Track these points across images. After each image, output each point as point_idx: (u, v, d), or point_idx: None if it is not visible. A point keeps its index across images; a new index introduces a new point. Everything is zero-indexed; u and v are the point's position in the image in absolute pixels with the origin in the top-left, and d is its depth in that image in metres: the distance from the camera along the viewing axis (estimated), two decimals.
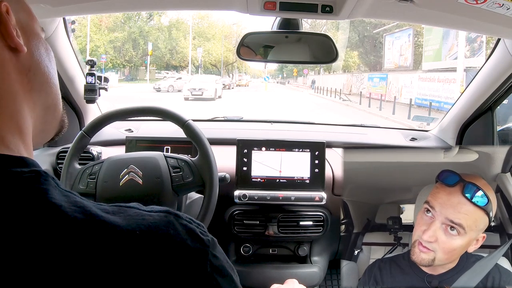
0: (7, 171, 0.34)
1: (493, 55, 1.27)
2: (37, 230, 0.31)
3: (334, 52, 1.07)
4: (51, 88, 0.45)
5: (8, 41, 0.39)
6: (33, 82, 0.42)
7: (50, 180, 0.35)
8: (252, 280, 1.29)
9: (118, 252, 0.32)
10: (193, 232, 0.37)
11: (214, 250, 0.37)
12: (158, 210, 0.38)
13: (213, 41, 28.18)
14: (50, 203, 0.33)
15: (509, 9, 0.78)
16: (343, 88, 20.80)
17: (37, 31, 0.45)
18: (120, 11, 1.15)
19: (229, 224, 1.29)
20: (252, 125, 1.73)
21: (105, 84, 1.34)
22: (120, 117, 1.10)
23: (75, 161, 1.06)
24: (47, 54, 0.45)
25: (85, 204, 0.35)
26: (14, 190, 0.33)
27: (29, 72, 0.41)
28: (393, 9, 0.90)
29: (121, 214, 0.35)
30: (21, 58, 0.40)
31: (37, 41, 0.44)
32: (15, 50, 0.39)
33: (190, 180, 1.02)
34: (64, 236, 0.32)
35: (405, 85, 14.75)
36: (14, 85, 0.39)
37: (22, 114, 0.40)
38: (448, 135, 1.58)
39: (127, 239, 0.33)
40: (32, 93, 0.41)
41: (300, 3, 0.92)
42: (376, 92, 16.34)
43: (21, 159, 0.36)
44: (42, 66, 0.43)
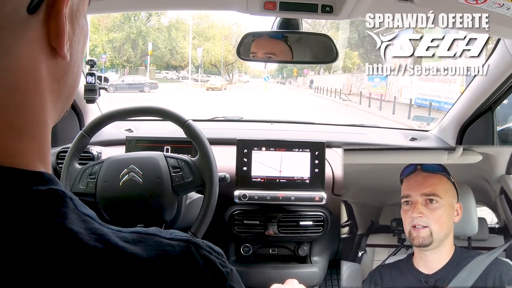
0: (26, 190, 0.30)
1: (493, 55, 1.27)
2: (53, 259, 0.29)
3: (334, 52, 1.07)
4: (74, 91, 0.39)
5: (53, 43, 0.32)
6: (63, 89, 0.36)
7: (68, 201, 0.33)
8: (252, 280, 1.29)
9: (137, 284, 0.32)
10: (213, 264, 0.36)
11: (232, 282, 0.37)
12: (179, 238, 0.36)
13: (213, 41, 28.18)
14: (68, 231, 0.30)
15: (509, 9, 0.78)
16: (343, 88, 20.80)
17: (83, 21, 0.36)
18: (120, 11, 1.15)
19: (229, 224, 1.29)
20: (252, 125, 1.73)
21: (105, 84, 1.34)
22: (120, 117, 1.10)
23: (75, 161, 1.06)
24: (83, 47, 0.38)
25: (104, 232, 0.33)
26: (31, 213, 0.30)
27: (63, 77, 0.35)
28: (393, 9, 0.90)
29: (141, 244, 0.34)
30: (58, 61, 0.34)
31: (79, 35, 0.36)
32: (54, 51, 0.32)
33: (190, 180, 1.02)
34: (82, 267, 0.30)
35: (405, 85, 14.75)
36: (44, 97, 0.33)
37: (44, 130, 0.34)
38: (448, 135, 1.58)
39: (147, 270, 0.32)
40: (58, 103, 0.36)
41: (300, 3, 0.92)
42: (376, 92, 16.34)
43: (40, 174, 0.32)
44: (76, 67, 0.37)
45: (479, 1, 0.77)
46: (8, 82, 0.30)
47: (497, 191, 0.96)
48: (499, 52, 1.24)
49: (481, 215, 0.96)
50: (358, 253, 1.00)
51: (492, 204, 0.97)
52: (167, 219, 1.04)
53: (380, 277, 0.96)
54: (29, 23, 0.30)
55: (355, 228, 1.00)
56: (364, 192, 1.01)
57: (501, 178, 0.95)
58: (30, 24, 0.30)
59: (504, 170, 0.95)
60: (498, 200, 0.97)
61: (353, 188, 1.01)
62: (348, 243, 1.01)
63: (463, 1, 0.78)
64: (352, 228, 1.01)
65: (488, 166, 0.96)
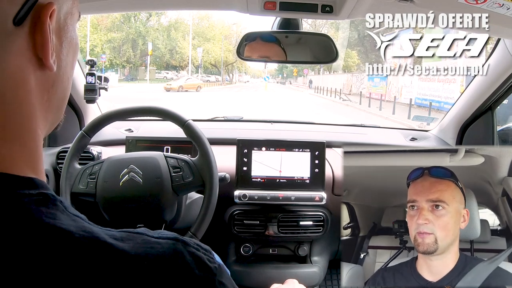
0: (15, 193, 0.32)
1: (493, 55, 1.27)
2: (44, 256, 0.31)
3: (334, 52, 1.07)
4: (64, 102, 0.41)
5: (39, 54, 0.34)
6: (52, 100, 0.37)
7: (58, 204, 0.34)
8: (252, 280, 1.29)
9: (125, 280, 0.32)
10: (200, 260, 0.37)
11: (221, 277, 0.38)
12: (167, 237, 0.37)
13: (213, 41, 28.17)
14: (58, 229, 0.32)
15: (509, 9, 0.78)
16: (343, 88, 20.81)
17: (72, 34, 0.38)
18: (120, 11, 1.15)
19: (229, 224, 1.29)
20: (252, 125, 1.73)
21: (105, 84, 1.33)
22: (120, 117, 1.10)
23: (75, 161, 1.06)
24: (73, 60, 0.39)
25: (94, 230, 0.34)
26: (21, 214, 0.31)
27: (52, 88, 0.37)
28: (393, 9, 0.90)
29: (130, 241, 0.35)
30: (47, 72, 0.35)
31: (68, 47, 0.38)
32: (41, 62, 0.34)
33: (190, 180, 1.02)
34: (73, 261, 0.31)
35: (405, 85, 14.75)
36: (33, 106, 0.35)
37: (35, 138, 0.36)
38: (448, 135, 1.58)
39: (135, 266, 0.33)
40: (48, 113, 0.38)
41: (300, 3, 0.92)
42: (376, 92, 16.34)
43: (29, 180, 0.34)
44: (65, 78, 0.38)
45: (479, 1, 0.78)
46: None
47: (499, 193, 0.96)
48: (499, 52, 1.24)
49: (483, 217, 0.96)
50: (360, 255, 1.00)
51: (494, 206, 0.97)
52: (167, 219, 1.04)
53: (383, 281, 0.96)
54: (16, 35, 0.32)
55: (357, 230, 1.00)
56: (366, 194, 1.01)
57: (503, 180, 0.95)
58: (16, 36, 0.32)
59: (506, 172, 0.95)
60: (500, 202, 0.96)
61: (354, 190, 1.01)
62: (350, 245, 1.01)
63: (463, 1, 0.78)
64: (354, 230, 1.01)
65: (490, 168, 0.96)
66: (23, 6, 0.31)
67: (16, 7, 0.31)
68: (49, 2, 0.33)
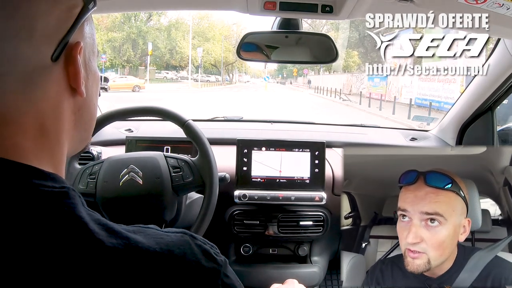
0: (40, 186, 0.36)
1: (493, 55, 1.27)
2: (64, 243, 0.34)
3: (334, 52, 1.07)
4: (92, 124, 0.47)
5: (72, 85, 0.41)
6: (79, 120, 0.44)
7: (78, 198, 0.38)
8: (252, 280, 1.29)
9: (138, 267, 0.35)
10: (207, 252, 0.40)
11: (226, 270, 0.40)
12: (175, 231, 0.41)
13: (213, 41, 28.16)
14: (76, 217, 0.35)
15: (509, 9, 0.78)
16: (343, 88, 20.81)
17: (95, 68, 0.46)
18: (120, 11, 1.15)
19: (229, 224, 1.29)
20: (252, 125, 1.73)
21: (105, 84, 1.34)
22: (120, 117, 1.10)
23: (75, 161, 1.06)
24: (97, 89, 0.47)
25: (108, 222, 0.38)
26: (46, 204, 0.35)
27: (78, 111, 0.43)
28: (393, 9, 0.90)
29: (141, 234, 0.38)
30: (76, 98, 0.42)
31: (93, 79, 0.45)
32: (74, 91, 0.41)
33: (190, 180, 1.02)
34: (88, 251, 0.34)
35: (405, 85, 14.75)
36: (64, 124, 0.42)
37: (61, 151, 0.42)
38: (448, 135, 1.58)
39: (147, 255, 0.36)
40: (75, 130, 0.44)
41: (300, 3, 0.92)
42: (376, 92, 16.34)
43: (53, 176, 0.38)
44: (91, 104, 0.46)
45: (479, 1, 0.78)
46: (40, 108, 0.39)
47: (500, 182, 0.93)
48: (499, 52, 1.24)
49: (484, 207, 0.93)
50: (362, 244, 0.98)
51: (495, 195, 0.94)
52: (167, 219, 1.04)
53: (382, 274, 0.94)
54: (53, 68, 0.39)
55: (359, 220, 0.99)
56: (367, 184, 0.99)
57: (505, 169, 0.93)
58: (53, 69, 0.39)
59: (508, 161, 0.92)
60: (502, 191, 0.93)
61: (355, 179, 0.99)
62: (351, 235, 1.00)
63: (463, 1, 0.78)
64: (355, 220, 1.00)
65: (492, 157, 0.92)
66: (58, 45, 0.39)
67: (52, 46, 0.39)
68: (77, 42, 0.40)
